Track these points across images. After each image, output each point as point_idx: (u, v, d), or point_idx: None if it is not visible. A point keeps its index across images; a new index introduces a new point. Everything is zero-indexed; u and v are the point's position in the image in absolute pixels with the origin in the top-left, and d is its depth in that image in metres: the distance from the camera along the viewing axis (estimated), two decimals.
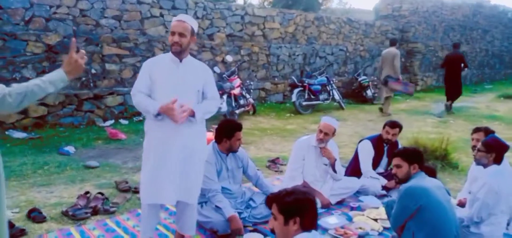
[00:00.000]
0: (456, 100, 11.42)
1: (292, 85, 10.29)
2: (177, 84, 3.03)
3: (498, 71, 22.75)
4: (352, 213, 4.13)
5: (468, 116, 10.59)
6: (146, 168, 3.12)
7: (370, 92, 12.70)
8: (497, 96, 14.68)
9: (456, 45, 11.72)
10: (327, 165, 4.43)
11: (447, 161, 5.96)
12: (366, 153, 4.82)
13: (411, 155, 3.21)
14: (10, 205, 4.03)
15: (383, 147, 4.84)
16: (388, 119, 5.66)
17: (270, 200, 2.15)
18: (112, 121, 7.73)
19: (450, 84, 11.26)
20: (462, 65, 11.12)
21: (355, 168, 4.93)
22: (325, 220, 3.89)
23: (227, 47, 10.28)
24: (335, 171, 4.42)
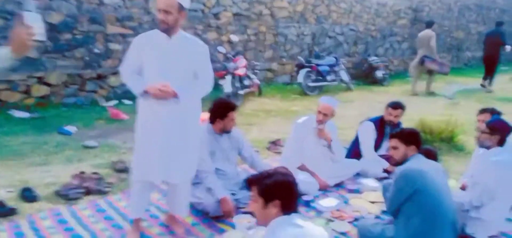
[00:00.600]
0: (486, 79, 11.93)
1: (299, 66, 10.11)
2: (166, 62, 2.94)
3: None
4: (350, 196, 4.03)
5: (480, 98, 10.31)
6: (137, 146, 3.08)
7: (380, 73, 12.43)
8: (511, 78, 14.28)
9: (499, 23, 12.51)
10: (325, 146, 4.32)
11: (453, 143, 5.79)
12: (367, 135, 4.69)
13: (408, 137, 3.09)
14: (4, 185, 4.02)
15: (385, 129, 4.70)
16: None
17: (250, 182, 2.06)
18: (116, 101, 7.69)
19: (486, 62, 11.94)
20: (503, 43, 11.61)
21: (357, 150, 4.81)
22: (320, 203, 3.80)
23: (233, 27, 10.12)
24: (332, 152, 4.30)
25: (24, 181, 4.13)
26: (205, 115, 3.90)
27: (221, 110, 3.69)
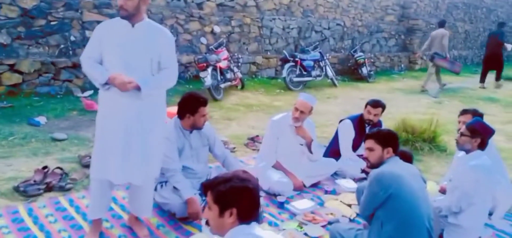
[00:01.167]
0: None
1: (283, 60, 9.92)
2: (127, 51, 2.74)
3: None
4: (325, 197, 3.87)
5: (464, 98, 10.26)
6: (96, 142, 2.88)
7: (365, 70, 12.31)
8: None
9: (501, 24, 13.63)
10: (302, 145, 4.15)
11: (435, 143, 5.68)
12: (346, 134, 4.53)
13: (385, 138, 2.92)
14: None
15: (365, 127, 4.54)
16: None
17: (204, 187, 1.87)
18: (91, 92, 7.39)
19: (489, 61, 12.39)
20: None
21: (335, 149, 4.66)
22: (294, 204, 3.63)
23: (217, 17, 9.87)
24: (311, 151, 4.14)
25: None
26: (174, 109, 3.70)
27: (191, 105, 3.46)
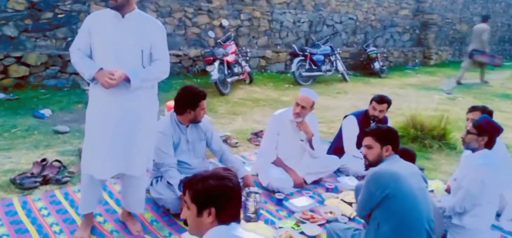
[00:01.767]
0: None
1: (293, 54, 9.78)
2: (117, 43, 2.68)
3: None
4: (326, 195, 3.75)
5: (479, 94, 9.99)
6: (85, 136, 2.83)
7: (378, 65, 12.08)
8: None
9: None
10: (303, 141, 4.04)
11: (445, 141, 5.51)
12: (350, 130, 4.40)
13: (384, 135, 2.80)
14: None
15: (370, 124, 4.40)
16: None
17: (183, 185, 1.78)
18: None
19: None
20: None
21: (339, 145, 4.54)
22: (292, 202, 3.53)
23: (226, 11, 9.77)
24: (312, 147, 4.03)
25: None
26: (172, 103, 3.63)
27: (191, 100, 3.34)
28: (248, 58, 9.21)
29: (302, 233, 3.09)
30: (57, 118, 5.70)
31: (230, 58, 8.16)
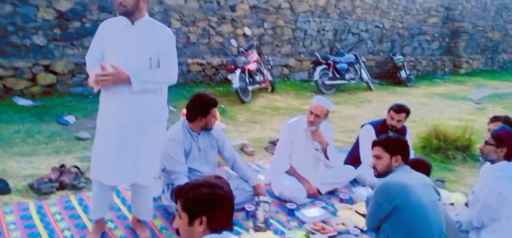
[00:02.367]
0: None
1: (315, 62, 9.72)
2: (126, 49, 2.73)
3: None
4: (339, 206, 3.68)
5: (510, 104, 9.61)
6: (95, 142, 2.88)
7: (404, 73, 11.83)
8: None
9: None
10: (318, 150, 3.98)
11: (469, 152, 5.31)
12: (367, 140, 4.27)
13: (394, 145, 2.73)
14: None
15: (388, 133, 4.29)
16: None
17: (175, 194, 1.78)
18: None
19: None
20: None
21: (357, 155, 4.45)
22: (304, 212, 3.48)
23: (250, 19, 9.81)
24: (327, 157, 3.96)
25: (2, 172, 4.01)
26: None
27: (202, 107, 3.36)
28: (270, 66, 9.21)
29: None
30: (80, 125, 5.84)
31: (252, 66, 8.18)
